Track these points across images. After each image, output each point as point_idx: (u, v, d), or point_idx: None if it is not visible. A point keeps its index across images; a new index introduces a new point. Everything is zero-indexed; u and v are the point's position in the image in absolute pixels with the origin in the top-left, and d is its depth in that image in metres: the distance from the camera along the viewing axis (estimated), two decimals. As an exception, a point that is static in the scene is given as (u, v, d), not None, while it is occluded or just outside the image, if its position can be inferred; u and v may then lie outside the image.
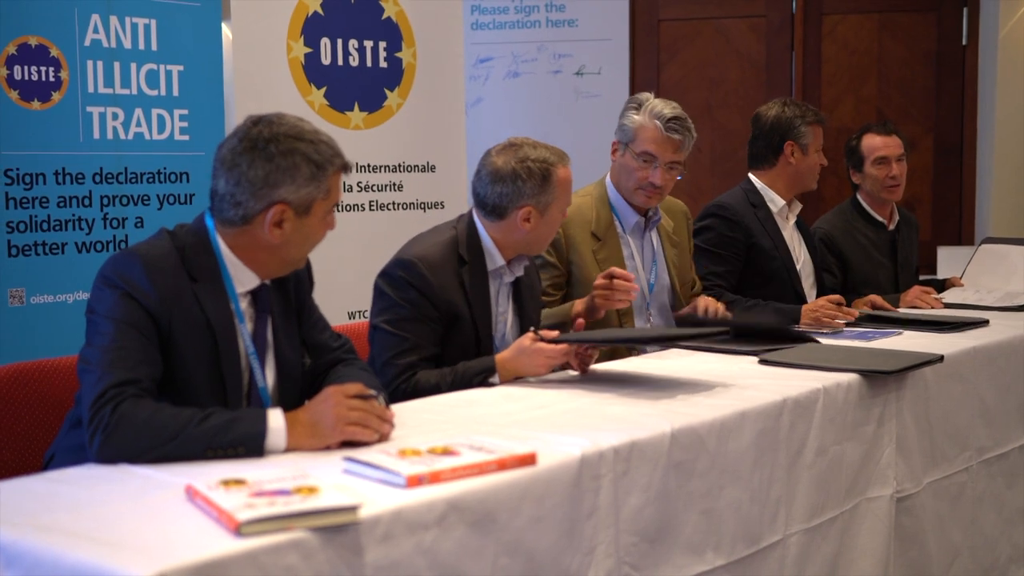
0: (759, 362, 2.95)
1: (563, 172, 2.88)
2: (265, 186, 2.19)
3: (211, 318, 2.20)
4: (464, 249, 2.87)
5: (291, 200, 2.20)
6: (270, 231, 2.21)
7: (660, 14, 5.98)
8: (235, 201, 2.21)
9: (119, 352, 2.08)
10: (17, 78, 3.49)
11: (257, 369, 2.28)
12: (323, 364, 2.48)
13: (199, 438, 1.97)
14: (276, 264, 2.30)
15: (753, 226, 3.86)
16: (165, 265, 2.18)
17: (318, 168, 2.21)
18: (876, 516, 2.81)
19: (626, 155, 3.41)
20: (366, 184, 4.54)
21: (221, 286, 2.24)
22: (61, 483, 1.88)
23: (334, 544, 1.64)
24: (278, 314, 2.36)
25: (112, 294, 2.14)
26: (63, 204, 3.60)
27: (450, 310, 2.80)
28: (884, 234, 4.41)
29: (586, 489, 2.05)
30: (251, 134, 2.21)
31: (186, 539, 1.58)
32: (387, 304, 2.80)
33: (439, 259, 2.82)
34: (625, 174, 3.43)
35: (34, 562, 1.57)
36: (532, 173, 2.83)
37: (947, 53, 5.70)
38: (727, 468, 2.37)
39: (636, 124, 3.38)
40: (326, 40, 4.42)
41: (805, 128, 3.95)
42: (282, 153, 2.19)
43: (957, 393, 3.12)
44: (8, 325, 3.46)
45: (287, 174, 2.19)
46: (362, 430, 2.05)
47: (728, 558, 2.37)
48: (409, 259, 2.81)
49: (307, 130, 2.25)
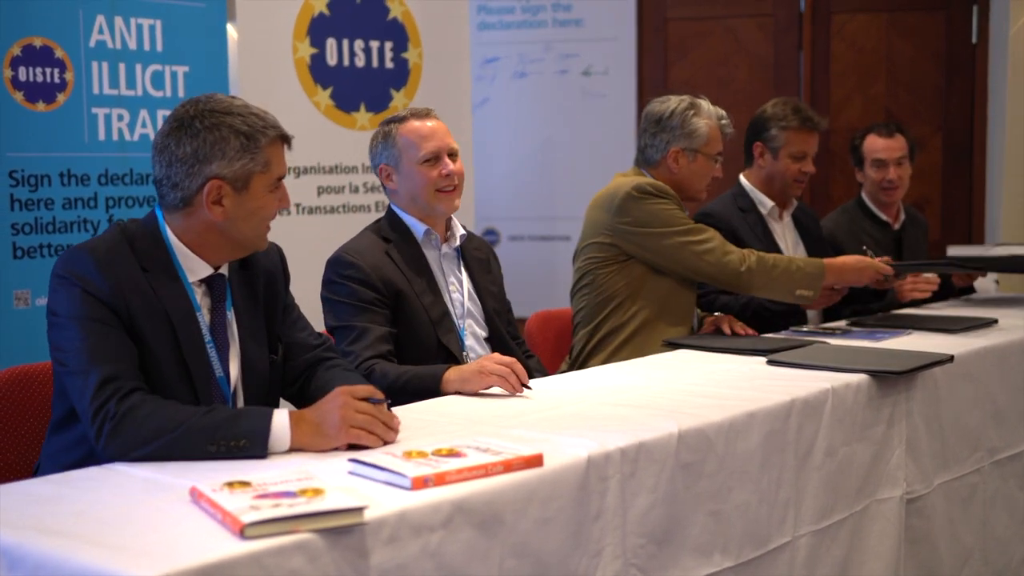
0: (767, 362, 2.93)
1: (407, 125, 2.95)
2: (196, 162, 2.18)
3: (167, 306, 2.19)
4: (385, 231, 2.97)
5: (225, 175, 2.19)
6: (210, 209, 2.20)
7: (667, 13, 5.95)
8: (171, 183, 2.21)
9: (95, 348, 2.08)
10: (22, 79, 3.48)
11: (215, 359, 2.27)
12: (303, 363, 2.47)
13: (202, 431, 1.97)
14: (227, 246, 2.28)
15: (741, 230, 3.83)
16: (115, 256, 2.18)
17: (248, 139, 2.19)
18: (886, 518, 2.79)
19: (697, 160, 3.47)
20: (372, 185, 4.53)
21: (174, 275, 2.23)
22: (64, 486, 1.87)
23: (340, 546, 1.63)
24: (241, 307, 2.34)
25: (68, 292, 2.13)
26: (68, 206, 3.59)
27: (390, 288, 2.86)
28: (889, 233, 4.38)
29: (593, 491, 2.03)
30: (178, 114, 2.22)
31: (190, 541, 1.57)
32: (331, 307, 2.88)
33: (363, 246, 2.92)
34: (698, 178, 3.50)
35: (37, 565, 1.56)
36: (376, 135, 3.00)
37: (956, 52, 5.67)
38: (735, 469, 2.35)
39: (707, 128, 3.45)
40: (332, 41, 4.42)
41: (777, 131, 3.92)
42: (208, 128, 2.18)
43: (968, 393, 3.10)
44: (13, 327, 3.45)
45: (216, 148, 2.18)
46: (367, 435, 2.04)
47: (736, 560, 2.35)
48: (335, 256, 2.91)
49: (236, 104, 2.23)
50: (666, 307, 3.39)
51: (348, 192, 4.48)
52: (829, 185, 5.74)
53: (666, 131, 3.44)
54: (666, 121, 3.44)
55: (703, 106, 3.48)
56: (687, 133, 3.43)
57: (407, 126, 2.95)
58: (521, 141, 6.05)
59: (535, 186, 6.00)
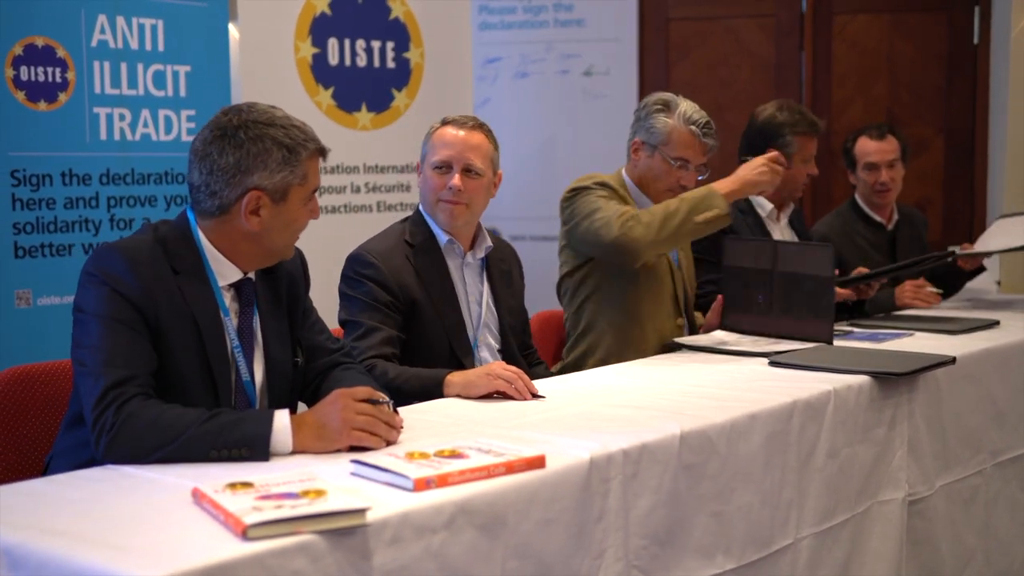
0: (769, 364, 2.93)
1: (440, 128, 2.94)
2: (238, 173, 2.18)
3: (194, 310, 2.20)
4: (411, 233, 2.93)
5: (265, 186, 2.19)
6: (247, 219, 2.20)
7: (669, 14, 5.95)
8: (210, 191, 2.21)
9: (112, 350, 2.07)
10: (24, 79, 3.48)
11: (242, 363, 2.27)
12: (320, 366, 2.47)
13: (203, 438, 1.97)
14: (259, 254, 2.29)
15: (741, 231, 3.81)
16: (147, 258, 2.18)
17: (290, 152, 2.20)
18: (888, 520, 2.79)
19: (655, 157, 3.35)
20: (374, 185, 4.53)
21: (204, 278, 2.24)
22: (66, 486, 1.87)
23: (342, 547, 1.63)
24: (266, 311, 2.35)
25: (97, 291, 2.13)
26: (70, 205, 3.59)
27: (406, 295, 2.84)
28: (883, 234, 4.38)
29: (595, 492, 2.03)
30: (221, 123, 2.22)
31: (193, 542, 1.57)
32: (346, 301, 2.88)
33: (386, 248, 2.90)
34: (653, 176, 3.37)
35: (39, 565, 1.56)
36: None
37: (958, 53, 5.66)
38: (737, 471, 2.35)
39: (668, 127, 3.33)
40: (334, 40, 4.41)
41: (792, 138, 3.90)
42: (252, 139, 2.19)
43: (970, 395, 3.10)
44: (15, 327, 3.45)
45: (259, 159, 2.18)
46: (369, 436, 2.04)
47: (738, 562, 2.35)
48: (356, 252, 2.90)
49: (278, 116, 2.24)
50: (634, 302, 3.33)
51: (349, 192, 4.48)
52: (831, 186, 5.73)
53: (636, 122, 3.42)
54: (638, 112, 3.42)
55: (678, 105, 3.35)
56: (647, 127, 3.35)
57: (442, 129, 2.94)
58: (522, 141, 6.04)
59: (536, 186, 5.99)
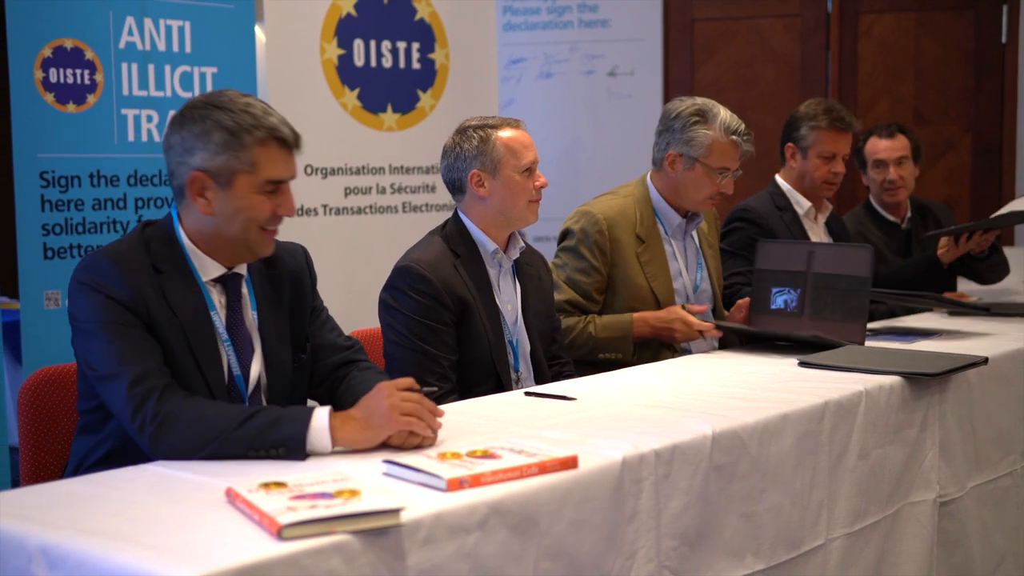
0: (799, 364, 2.91)
1: (505, 133, 2.87)
2: (184, 152, 2.19)
3: (177, 307, 2.20)
4: (455, 243, 2.88)
5: (207, 168, 2.17)
6: (195, 201, 2.20)
7: (694, 14, 5.94)
8: (170, 174, 2.23)
9: (123, 349, 2.10)
10: (52, 81, 3.51)
11: (231, 356, 2.27)
12: (333, 363, 2.47)
13: (242, 440, 1.99)
14: (229, 247, 2.26)
15: (778, 229, 3.81)
16: (132, 259, 2.19)
17: (231, 135, 2.16)
18: (919, 521, 2.77)
19: (696, 169, 3.30)
20: (399, 186, 4.54)
21: (188, 275, 2.24)
22: (102, 485, 1.88)
23: (376, 547, 1.63)
24: (266, 310, 2.35)
25: (91, 299, 2.14)
26: (98, 207, 3.61)
27: (459, 304, 2.81)
28: (897, 233, 4.36)
29: (627, 492, 2.03)
30: (180, 108, 2.23)
31: (228, 542, 1.57)
32: (396, 319, 2.80)
33: (434, 258, 2.83)
34: (693, 187, 3.33)
35: (76, 564, 1.57)
36: (469, 138, 2.87)
37: (985, 52, 5.63)
38: (768, 471, 2.34)
39: (710, 139, 3.28)
40: (359, 41, 4.42)
41: (807, 131, 3.88)
42: (195, 119, 2.18)
43: (1001, 396, 3.08)
44: (45, 328, 3.47)
45: (199, 140, 2.17)
46: (417, 420, 2.04)
47: (768, 562, 2.34)
48: (406, 264, 2.82)
49: (237, 101, 2.20)
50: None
51: (375, 193, 4.49)
52: (856, 187, 5.71)
53: (668, 132, 3.34)
54: (671, 122, 3.35)
55: (716, 115, 3.30)
56: (686, 139, 3.29)
57: (506, 133, 2.87)
58: (547, 142, 6.02)
59: (561, 187, 5.97)
